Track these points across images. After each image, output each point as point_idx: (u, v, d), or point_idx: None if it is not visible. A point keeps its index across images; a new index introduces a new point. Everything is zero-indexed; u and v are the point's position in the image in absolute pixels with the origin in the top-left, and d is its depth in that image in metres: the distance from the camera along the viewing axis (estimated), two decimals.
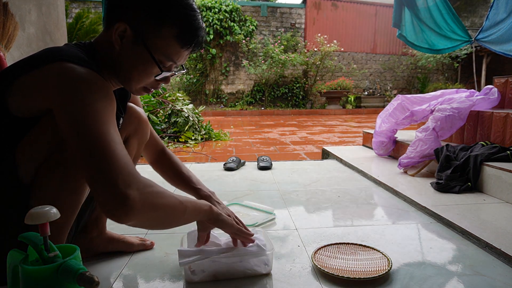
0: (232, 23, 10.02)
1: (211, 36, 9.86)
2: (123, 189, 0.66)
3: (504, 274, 1.02)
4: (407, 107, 2.47)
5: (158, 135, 1.22)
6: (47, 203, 0.69)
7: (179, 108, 4.23)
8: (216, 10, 9.84)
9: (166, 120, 4.23)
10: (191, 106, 4.43)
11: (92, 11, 8.20)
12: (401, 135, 2.67)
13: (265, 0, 12.17)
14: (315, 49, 10.27)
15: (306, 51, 10.49)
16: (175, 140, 4.06)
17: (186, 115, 4.19)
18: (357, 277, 0.97)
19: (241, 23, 10.27)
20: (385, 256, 1.08)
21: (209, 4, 9.84)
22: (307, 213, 1.56)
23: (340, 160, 2.64)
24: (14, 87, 0.74)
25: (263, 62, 9.91)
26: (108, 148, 0.69)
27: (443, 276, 1.01)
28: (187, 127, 4.11)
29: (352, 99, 10.48)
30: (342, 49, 10.86)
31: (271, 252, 1.00)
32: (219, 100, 10.52)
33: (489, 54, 9.03)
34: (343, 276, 0.97)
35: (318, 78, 10.60)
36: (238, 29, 10.04)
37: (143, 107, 1.26)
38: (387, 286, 0.95)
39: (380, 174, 2.11)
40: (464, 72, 11.05)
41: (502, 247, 1.11)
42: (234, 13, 10.05)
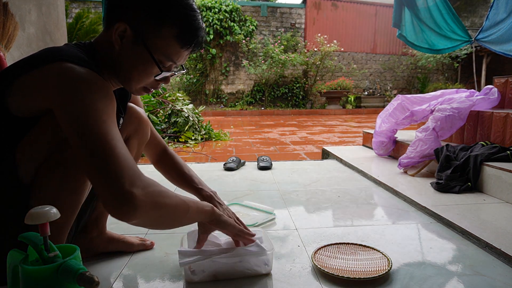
0: (232, 23, 10.02)
1: (211, 36, 9.86)
2: (128, 187, 0.67)
3: (504, 274, 1.02)
4: (407, 107, 2.47)
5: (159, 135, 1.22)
6: (47, 203, 0.69)
7: (179, 108, 4.23)
8: (216, 10, 9.85)
9: (166, 120, 4.23)
10: (191, 106, 4.43)
11: (92, 11, 8.20)
12: (401, 135, 2.67)
13: (265, 0, 12.16)
14: (315, 49, 10.27)
15: (306, 51, 10.49)
16: (175, 140, 4.06)
17: (186, 115, 4.19)
18: (357, 277, 0.97)
19: (241, 23, 10.27)
20: (385, 256, 1.08)
21: (209, 4, 9.84)
22: (307, 213, 1.56)
23: (340, 160, 2.64)
24: (14, 87, 0.74)
25: (263, 62, 9.91)
26: (111, 147, 0.69)
27: (443, 276, 1.01)
28: (187, 127, 4.11)
29: (352, 99, 10.48)
30: (342, 49, 10.86)
31: (271, 252, 1.00)
32: (219, 100, 10.52)
33: (489, 54, 9.03)
34: (343, 276, 0.97)
35: (318, 78, 10.60)
36: (238, 29, 10.04)
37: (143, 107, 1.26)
38: (387, 286, 0.95)
39: (380, 174, 2.11)
40: (464, 72, 11.05)
41: (502, 247, 1.11)
42: (234, 13, 10.05)
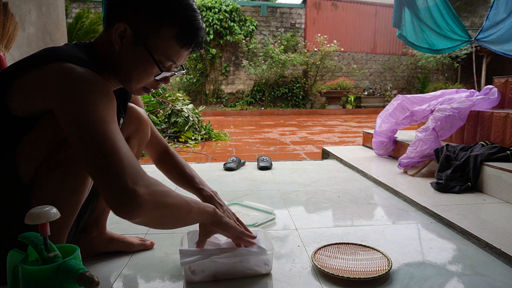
0: (232, 23, 10.02)
1: (211, 36, 9.86)
2: (131, 185, 0.67)
3: (504, 274, 1.02)
4: (407, 107, 2.47)
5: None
6: (47, 203, 0.69)
7: (179, 108, 4.23)
8: (216, 10, 9.84)
9: (166, 120, 4.23)
10: (191, 106, 4.43)
11: (92, 11, 8.20)
12: (401, 135, 2.67)
13: (265, 0, 12.16)
14: (315, 49, 10.27)
15: (306, 51, 10.49)
16: (175, 140, 4.06)
17: (186, 115, 4.19)
18: (357, 277, 0.97)
19: (241, 23, 10.27)
20: (385, 256, 1.08)
21: (209, 4, 9.84)
22: (307, 213, 1.56)
23: (340, 160, 2.64)
24: (14, 87, 0.74)
25: (263, 62, 9.90)
26: (113, 146, 0.69)
27: (443, 276, 1.01)
28: (187, 127, 4.11)
29: (352, 99, 10.48)
30: (342, 49, 10.86)
31: (271, 252, 1.00)
32: (219, 100, 10.52)
33: (489, 54, 9.03)
34: (343, 276, 0.97)
35: (318, 78, 10.60)
36: (238, 29, 10.04)
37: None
38: (387, 286, 0.95)
39: (380, 174, 2.11)
40: (464, 72, 11.05)
41: (502, 247, 1.11)
42: (234, 13, 10.05)
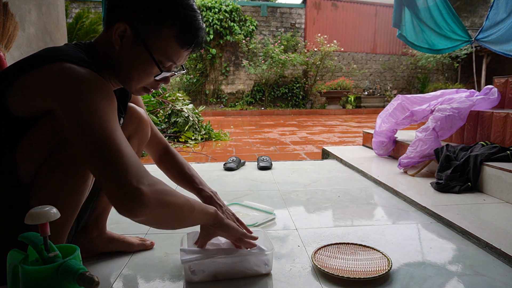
0: (232, 23, 10.02)
1: (211, 36, 9.86)
2: (135, 184, 0.67)
3: (504, 274, 1.02)
4: (407, 107, 2.47)
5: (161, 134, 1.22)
6: (47, 203, 0.69)
7: (179, 108, 4.23)
8: (216, 10, 9.84)
9: (166, 120, 4.23)
10: (191, 106, 4.43)
11: (92, 11, 8.20)
12: (401, 135, 2.67)
13: (265, 0, 12.16)
14: (315, 49, 10.27)
15: (306, 51, 10.49)
16: (175, 140, 4.06)
17: (186, 115, 4.19)
18: (357, 277, 0.97)
19: (241, 23, 10.27)
20: (385, 256, 1.08)
21: (209, 4, 9.84)
22: (307, 213, 1.56)
23: (340, 160, 2.64)
24: (14, 87, 0.74)
25: (263, 62, 9.90)
26: (116, 145, 0.69)
27: (443, 276, 1.01)
28: (187, 127, 4.11)
29: (352, 99, 10.48)
30: (342, 49, 10.86)
31: (271, 252, 1.00)
32: (219, 100, 10.52)
33: (489, 54, 9.03)
34: (343, 276, 0.97)
35: (318, 78, 10.60)
36: (238, 29, 10.04)
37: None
38: (387, 286, 0.95)
39: (380, 174, 2.11)
40: (464, 72, 11.05)
41: (502, 247, 1.11)
42: (234, 13, 10.05)
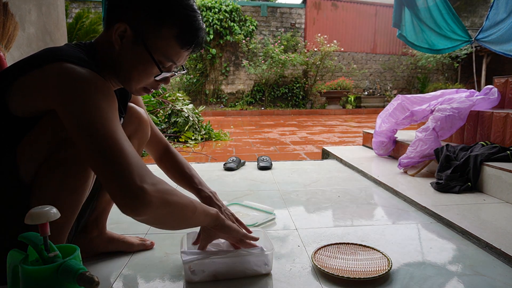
0: (232, 23, 10.02)
1: (211, 36, 9.86)
2: (139, 183, 0.68)
3: (504, 274, 1.02)
4: (407, 107, 2.47)
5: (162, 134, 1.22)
6: (47, 203, 0.69)
7: (179, 108, 4.23)
8: (216, 10, 9.84)
9: (166, 120, 4.23)
10: (191, 106, 4.43)
11: (92, 11, 8.20)
12: (401, 135, 2.67)
13: (265, 0, 12.16)
14: (315, 49, 10.27)
15: (306, 51, 10.49)
16: (175, 140, 4.06)
17: (186, 115, 4.19)
18: (357, 277, 0.97)
19: (241, 23, 10.27)
20: (385, 256, 1.08)
21: (209, 4, 9.84)
22: (307, 213, 1.56)
23: (340, 160, 2.64)
24: (14, 87, 0.74)
25: (263, 62, 9.90)
26: (118, 145, 0.70)
27: (443, 276, 1.01)
28: (187, 127, 4.11)
29: (352, 99, 10.48)
30: (342, 49, 10.86)
31: (271, 252, 1.00)
32: (219, 100, 10.52)
33: (489, 54, 9.03)
34: (343, 276, 0.97)
35: (318, 78, 10.60)
36: (238, 29, 10.04)
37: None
38: (387, 286, 0.95)
39: (380, 174, 2.11)
40: (464, 72, 11.05)
41: (502, 247, 1.11)
42: (234, 13, 10.05)
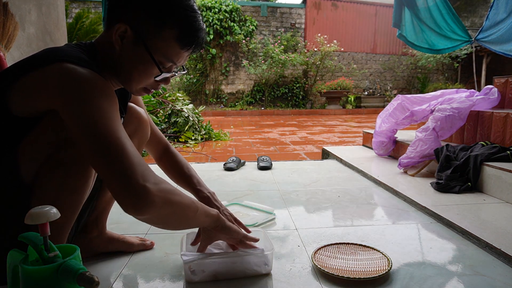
0: (232, 23, 10.02)
1: (211, 36, 9.86)
2: (141, 182, 0.68)
3: (504, 274, 1.02)
4: (407, 107, 2.47)
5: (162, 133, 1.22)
6: (48, 203, 0.69)
7: (179, 108, 4.23)
8: (216, 10, 9.84)
9: (166, 120, 4.23)
10: (191, 106, 4.43)
11: (92, 11, 8.20)
12: (401, 135, 2.67)
13: (265, 0, 12.16)
14: (315, 49, 10.27)
15: (306, 51, 10.49)
16: (175, 140, 4.06)
17: (186, 115, 4.19)
18: (357, 277, 0.97)
19: (241, 23, 10.27)
20: (385, 256, 1.08)
21: (209, 4, 9.84)
22: (307, 213, 1.56)
23: (340, 160, 2.64)
24: (14, 87, 0.74)
25: (263, 62, 9.90)
26: (120, 145, 0.70)
27: (443, 276, 1.01)
28: (187, 127, 4.11)
29: (352, 99, 10.48)
30: (342, 49, 10.86)
31: (271, 252, 1.00)
32: (219, 100, 10.52)
33: (489, 54, 9.03)
34: (343, 276, 0.97)
35: (318, 78, 10.60)
36: (238, 29, 10.04)
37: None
38: (387, 286, 0.95)
39: (380, 174, 2.11)
40: (464, 72, 11.05)
41: (502, 247, 1.11)
42: (234, 13, 10.05)
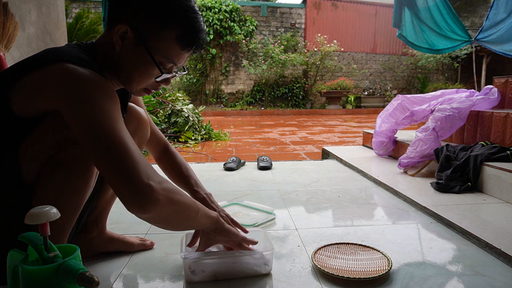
0: (232, 23, 10.02)
1: (211, 36, 9.86)
2: (145, 180, 0.69)
3: (504, 274, 1.02)
4: (407, 107, 2.47)
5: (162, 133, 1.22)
6: (49, 203, 0.69)
7: (179, 108, 4.23)
8: (216, 10, 9.85)
9: (166, 120, 4.23)
10: (191, 106, 4.43)
11: (92, 11, 8.20)
12: (401, 135, 2.67)
13: (265, 0, 12.16)
14: (315, 49, 10.27)
15: (306, 51, 10.49)
16: (175, 140, 4.06)
17: (186, 115, 4.19)
18: (357, 277, 0.97)
19: (241, 23, 10.27)
20: (385, 256, 1.08)
21: (209, 4, 9.84)
22: (307, 213, 1.56)
23: (340, 160, 2.64)
24: (15, 87, 0.74)
25: (263, 62, 9.91)
26: (123, 143, 0.70)
27: (443, 276, 1.01)
28: (187, 127, 4.11)
29: (352, 99, 10.48)
30: (342, 49, 10.86)
31: (271, 252, 1.00)
32: (219, 100, 10.52)
33: (489, 54, 9.03)
34: (343, 276, 0.97)
35: (318, 78, 10.60)
36: (238, 29, 10.04)
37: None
38: (387, 286, 0.95)
39: (380, 174, 2.11)
40: (464, 72, 11.05)
41: (502, 247, 1.11)
42: (234, 13, 10.05)
